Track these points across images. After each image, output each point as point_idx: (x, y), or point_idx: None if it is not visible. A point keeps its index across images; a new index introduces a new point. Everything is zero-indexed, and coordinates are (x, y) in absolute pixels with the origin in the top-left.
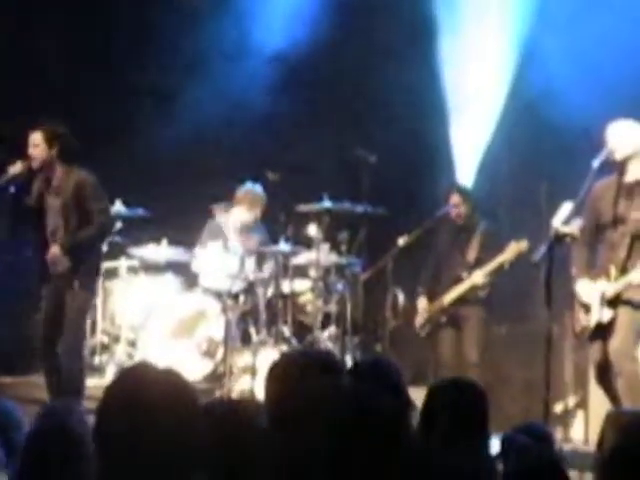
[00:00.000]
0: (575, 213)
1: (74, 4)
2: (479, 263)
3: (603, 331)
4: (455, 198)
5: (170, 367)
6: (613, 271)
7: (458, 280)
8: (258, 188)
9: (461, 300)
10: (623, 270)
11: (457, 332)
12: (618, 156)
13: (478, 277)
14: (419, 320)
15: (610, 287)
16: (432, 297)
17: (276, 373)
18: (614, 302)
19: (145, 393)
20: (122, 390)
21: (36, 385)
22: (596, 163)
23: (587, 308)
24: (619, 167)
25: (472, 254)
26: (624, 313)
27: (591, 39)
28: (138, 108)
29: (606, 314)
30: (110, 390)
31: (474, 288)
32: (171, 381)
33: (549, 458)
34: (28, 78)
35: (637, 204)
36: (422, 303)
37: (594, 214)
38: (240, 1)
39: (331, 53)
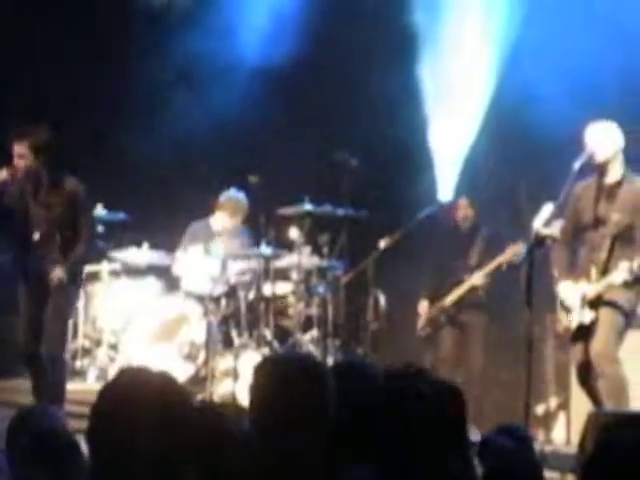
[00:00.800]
0: (556, 215)
1: (59, 12)
2: (480, 266)
3: (585, 332)
4: (463, 201)
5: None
6: (594, 272)
7: (459, 283)
8: (241, 195)
9: (462, 302)
10: (604, 271)
11: (459, 334)
12: (599, 158)
13: (477, 278)
14: (420, 322)
15: (591, 288)
16: (433, 299)
17: (259, 378)
18: (595, 303)
19: (140, 394)
20: (118, 391)
21: (17, 390)
22: (577, 165)
23: (568, 310)
24: (599, 169)
25: (474, 258)
26: (605, 314)
27: (572, 44)
28: (121, 116)
29: (587, 315)
30: (106, 391)
31: (474, 289)
32: (164, 382)
33: (528, 460)
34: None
35: (617, 205)
36: (423, 306)
37: (575, 215)
38: (222, 14)
39: (313, 60)
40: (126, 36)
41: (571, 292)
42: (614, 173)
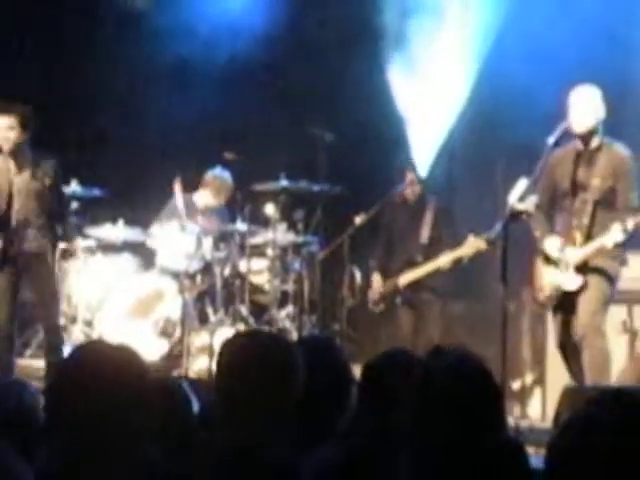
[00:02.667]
0: (531, 190)
1: None
2: (434, 243)
3: (568, 301)
4: (410, 176)
5: (123, 343)
6: (578, 237)
7: (412, 262)
8: (227, 175)
9: (419, 284)
10: (588, 236)
11: (416, 314)
12: (580, 128)
13: (443, 262)
14: (372, 296)
15: (578, 252)
16: (386, 274)
17: (226, 354)
18: (581, 269)
19: (97, 368)
20: (74, 366)
21: None
22: (551, 140)
23: (556, 263)
24: (581, 137)
25: (425, 234)
26: (594, 285)
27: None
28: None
29: (574, 281)
30: (63, 366)
31: (436, 272)
32: (123, 357)
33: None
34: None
35: (597, 171)
36: (376, 280)
37: (552, 184)
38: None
39: (287, 38)
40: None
41: (558, 248)
42: (594, 140)
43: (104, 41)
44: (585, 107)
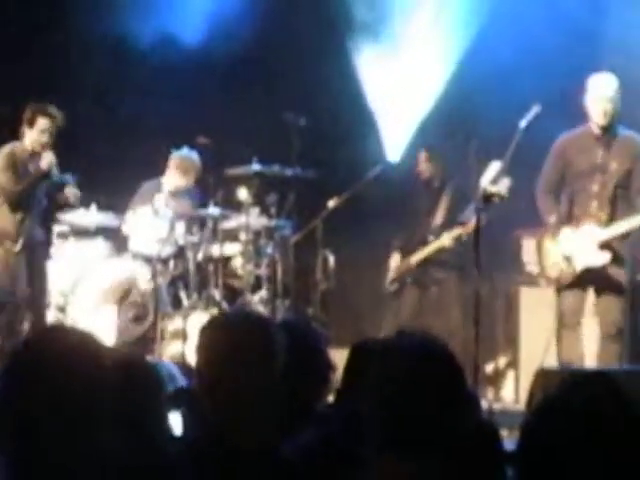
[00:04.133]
0: (503, 173)
1: None
2: (448, 223)
3: (587, 278)
4: (421, 156)
5: (81, 328)
6: (602, 216)
7: (425, 242)
8: (194, 155)
9: (431, 262)
10: (610, 218)
11: (424, 295)
12: (606, 117)
13: (446, 239)
14: (390, 276)
15: (605, 232)
16: (404, 254)
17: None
18: (605, 246)
19: (50, 353)
20: (26, 351)
21: None
22: (523, 123)
23: (569, 258)
24: (603, 123)
25: (439, 216)
26: (619, 275)
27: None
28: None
29: (601, 257)
30: (15, 351)
31: (442, 250)
32: (78, 341)
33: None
34: None
35: (616, 154)
36: (394, 259)
37: (564, 163)
38: None
39: (265, 16)
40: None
41: (574, 238)
42: (612, 126)
43: (79, 22)
44: (607, 99)
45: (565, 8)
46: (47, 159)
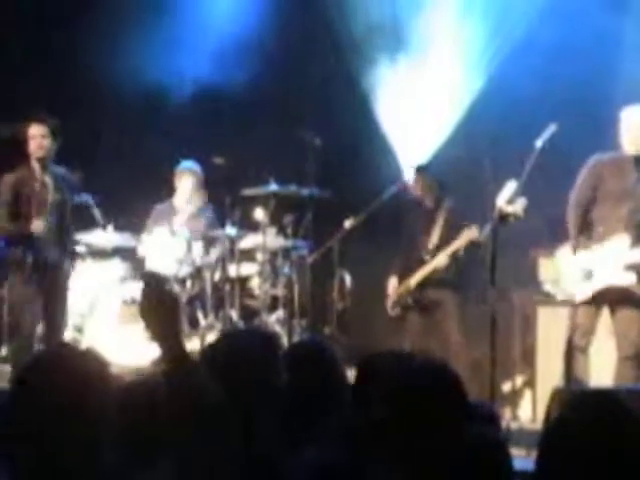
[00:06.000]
0: (519, 192)
1: None
2: (444, 242)
3: (604, 297)
4: (413, 177)
5: (89, 348)
6: (631, 239)
7: (422, 261)
8: (190, 163)
9: (429, 283)
10: (637, 241)
11: (426, 316)
12: (637, 149)
13: (440, 259)
14: (389, 301)
15: (634, 252)
16: (402, 277)
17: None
18: (631, 267)
19: (56, 374)
20: (33, 371)
21: None
22: (539, 143)
23: (590, 274)
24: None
25: (435, 235)
26: None
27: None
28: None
29: (627, 278)
30: (22, 371)
31: (438, 270)
32: (84, 362)
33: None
34: None
35: None
36: (392, 284)
37: (595, 182)
38: None
39: (278, 39)
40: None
41: (600, 255)
42: None
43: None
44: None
45: (581, 39)
46: (36, 226)
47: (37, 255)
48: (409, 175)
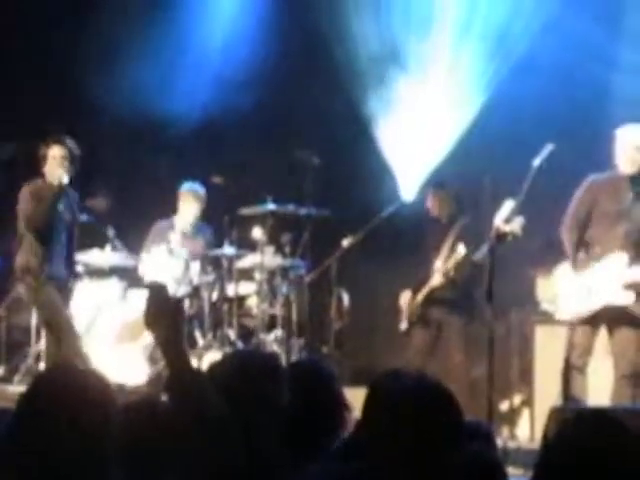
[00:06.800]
0: (517, 211)
1: None
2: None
3: (603, 316)
4: (429, 193)
5: (92, 369)
6: (627, 258)
7: (429, 279)
8: (197, 186)
9: (433, 301)
10: (635, 262)
11: (431, 333)
12: (633, 168)
13: (436, 277)
14: (402, 314)
15: (633, 271)
16: (414, 294)
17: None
18: (630, 287)
19: (60, 395)
20: (37, 393)
21: None
22: (537, 162)
23: (589, 292)
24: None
25: (444, 252)
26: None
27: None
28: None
29: (626, 297)
30: (27, 393)
31: (436, 289)
32: (87, 383)
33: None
34: None
35: None
36: (404, 297)
37: (590, 202)
38: None
39: (274, 60)
40: None
41: (599, 273)
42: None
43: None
44: (636, 148)
45: (579, 59)
46: (56, 174)
47: (51, 269)
48: (427, 192)
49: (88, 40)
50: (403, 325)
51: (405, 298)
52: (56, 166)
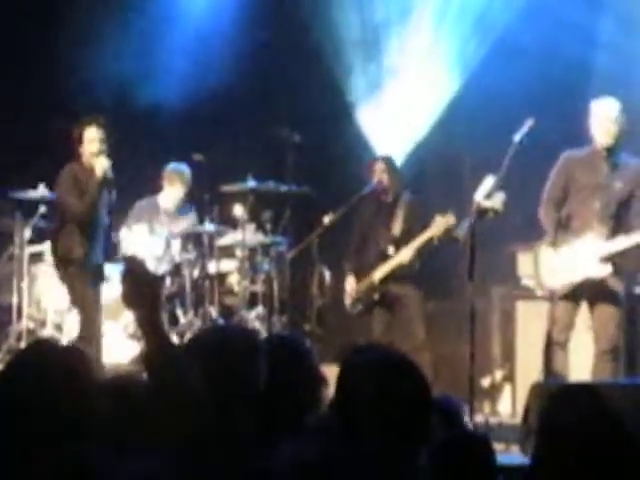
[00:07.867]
0: (497, 187)
1: None
2: (405, 235)
3: (583, 290)
4: (379, 165)
5: (73, 344)
6: (605, 232)
7: (384, 255)
8: (183, 166)
9: (392, 278)
10: (612, 234)
11: (391, 312)
12: (608, 139)
13: (406, 254)
14: (348, 299)
15: (608, 245)
16: (359, 274)
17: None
18: (606, 259)
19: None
20: (19, 366)
21: None
22: (517, 137)
23: (568, 268)
24: (608, 145)
25: (397, 226)
26: (617, 287)
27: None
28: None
29: (602, 269)
30: (7, 366)
31: (402, 266)
32: (68, 358)
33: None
34: None
35: (620, 174)
36: (350, 282)
37: (566, 178)
38: None
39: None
40: None
41: (576, 249)
42: (616, 148)
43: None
44: (611, 120)
45: (557, 37)
46: (100, 164)
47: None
48: (374, 164)
49: (64, 26)
50: (356, 308)
51: (350, 283)
52: (96, 151)
